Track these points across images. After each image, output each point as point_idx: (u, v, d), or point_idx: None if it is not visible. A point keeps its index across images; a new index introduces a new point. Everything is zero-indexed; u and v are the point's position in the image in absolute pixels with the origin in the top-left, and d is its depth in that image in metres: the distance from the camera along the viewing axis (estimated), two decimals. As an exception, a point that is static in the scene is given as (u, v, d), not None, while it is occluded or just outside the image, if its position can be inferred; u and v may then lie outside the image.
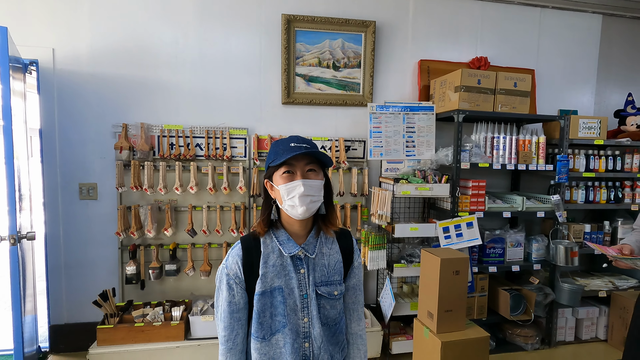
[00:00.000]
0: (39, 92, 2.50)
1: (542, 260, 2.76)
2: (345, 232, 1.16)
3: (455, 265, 2.06)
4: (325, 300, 1.07)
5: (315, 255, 1.07)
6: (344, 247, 1.13)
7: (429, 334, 2.10)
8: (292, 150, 0.98)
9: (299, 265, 1.06)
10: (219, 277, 1.06)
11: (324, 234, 1.10)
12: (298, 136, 1.04)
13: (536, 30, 3.17)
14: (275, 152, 1.02)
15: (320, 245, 1.09)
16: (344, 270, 1.11)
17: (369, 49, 2.83)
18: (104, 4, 2.54)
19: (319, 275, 1.07)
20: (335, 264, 1.09)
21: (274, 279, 1.03)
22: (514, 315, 2.63)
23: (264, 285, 1.02)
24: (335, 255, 1.10)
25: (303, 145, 1.00)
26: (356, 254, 1.16)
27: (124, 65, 2.59)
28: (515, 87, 2.64)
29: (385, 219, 2.51)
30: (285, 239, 1.05)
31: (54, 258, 2.59)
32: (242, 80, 2.74)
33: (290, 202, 1.00)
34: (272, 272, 1.03)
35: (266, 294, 1.02)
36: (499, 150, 2.69)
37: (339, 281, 1.09)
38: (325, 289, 1.07)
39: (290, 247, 1.05)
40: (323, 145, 2.83)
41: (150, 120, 2.63)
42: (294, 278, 1.04)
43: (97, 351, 2.20)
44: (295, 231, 1.07)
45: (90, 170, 2.60)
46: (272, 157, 1.02)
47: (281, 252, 1.04)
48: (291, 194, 0.99)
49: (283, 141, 1.03)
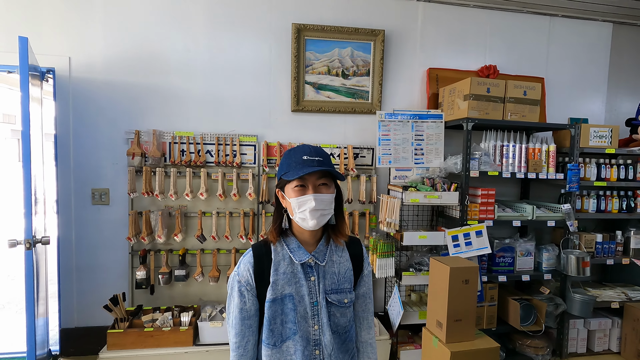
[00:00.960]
0: (55, 99, 2.56)
1: (552, 270, 2.73)
2: (355, 240, 1.17)
3: (464, 274, 2.05)
4: (336, 308, 1.07)
5: (326, 263, 1.08)
6: (354, 255, 1.13)
7: (438, 344, 2.08)
8: (304, 164, 0.99)
9: (309, 273, 1.06)
10: (231, 284, 1.07)
11: (334, 242, 1.11)
12: (310, 146, 1.05)
13: (545, 38, 3.17)
14: (288, 164, 1.03)
15: (331, 253, 1.10)
16: (354, 278, 1.12)
17: (378, 58, 2.85)
18: (117, 13, 2.60)
19: (329, 283, 1.08)
20: (345, 271, 1.10)
21: (285, 286, 1.04)
22: (524, 325, 2.59)
23: (275, 292, 1.03)
24: (345, 263, 1.11)
25: (316, 159, 1.01)
26: (366, 262, 1.17)
27: (136, 73, 2.64)
28: (525, 95, 2.63)
29: (394, 227, 2.51)
30: (296, 247, 1.06)
31: (65, 262, 2.63)
32: (252, 87, 2.78)
33: (301, 215, 1.01)
34: (283, 279, 1.04)
35: (277, 301, 1.03)
36: (508, 158, 2.68)
37: (349, 289, 1.10)
38: (335, 297, 1.07)
39: (300, 254, 1.06)
40: (332, 152, 2.85)
41: (162, 127, 2.67)
42: (304, 285, 1.05)
43: (107, 355, 2.22)
44: (306, 239, 1.08)
45: (103, 176, 2.65)
46: (285, 169, 1.03)
47: (292, 259, 1.06)
48: (302, 208, 1.00)
49: (295, 152, 1.03)
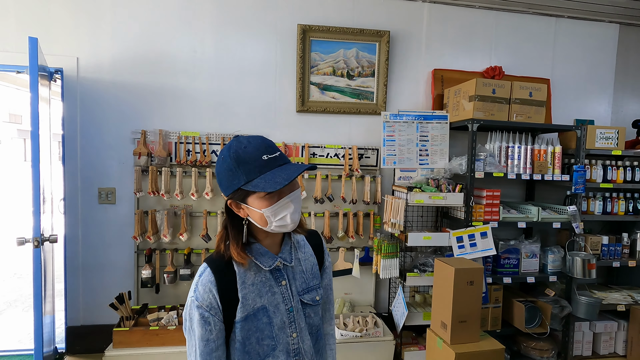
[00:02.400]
0: (62, 99, 2.59)
1: (558, 272, 2.72)
2: (314, 233, 1.10)
3: (469, 276, 2.05)
4: (310, 308, 1.00)
5: (293, 262, 0.99)
6: (315, 248, 1.07)
7: (443, 345, 2.08)
8: (269, 167, 0.84)
9: (279, 278, 0.96)
10: (189, 313, 0.89)
11: (295, 238, 1.03)
12: (262, 139, 0.88)
13: (551, 39, 3.16)
14: (247, 170, 0.84)
15: (295, 251, 1.01)
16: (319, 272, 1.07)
17: (383, 58, 2.86)
18: (125, 14, 2.63)
19: (300, 283, 0.99)
20: (312, 267, 1.03)
21: (256, 299, 0.91)
22: (529, 327, 2.58)
23: (246, 309, 0.90)
24: (310, 259, 1.04)
25: (277, 155, 0.86)
26: (326, 253, 1.11)
27: (143, 73, 2.67)
28: (531, 96, 2.63)
29: (398, 228, 2.51)
30: (262, 252, 0.94)
31: (72, 260, 2.65)
32: (257, 88, 2.79)
33: (281, 222, 0.89)
34: (253, 291, 0.91)
35: (249, 318, 0.90)
36: (513, 159, 2.67)
37: (318, 285, 1.03)
38: (308, 297, 1.00)
39: (268, 259, 0.94)
40: (337, 153, 2.85)
41: (168, 127, 2.69)
42: (277, 293, 0.94)
43: (113, 353, 2.24)
44: (270, 242, 0.96)
45: (110, 175, 2.67)
46: (244, 178, 0.84)
47: (258, 267, 0.93)
48: (281, 214, 0.88)
49: (249, 153, 0.84)
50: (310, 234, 1.08)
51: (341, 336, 2.43)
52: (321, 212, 2.82)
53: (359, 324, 2.54)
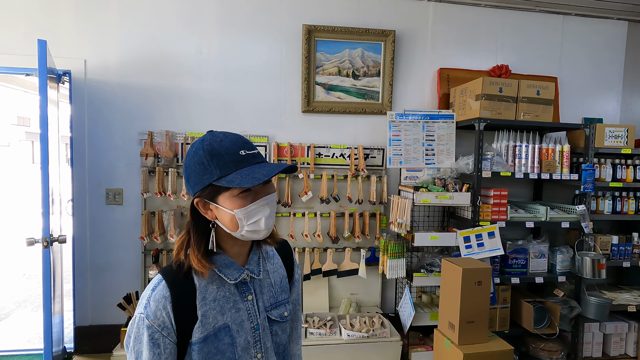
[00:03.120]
0: (70, 102, 2.61)
1: (567, 272, 2.69)
2: (284, 243, 0.99)
3: (477, 276, 2.03)
4: (277, 325, 0.90)
5: (261, 274, 0.88)
6: (285, 259, 0.97)
7: (450, 345, 2.07)
8: (247, 163, 0.76)
9: (245, 292, 0.85)
10: (135, 332, 0.77)
11: (264, 247, 0.92)
12: (238, 136, 0.80)
13: (559, 37, 3.13)
14: (221, 164, 0.75)
15: (263, 262, 0.91)
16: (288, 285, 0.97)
17: (389, 58, 2.85)
18: (132, 17, 2.65)
19: (267, 297, 0.89)
20: (280, 280, 0.93)
21: (217, 316, 0.80)
22: (537, 328, 2.55)
23: (206, 328, 0.79)
24: (279, 271, 0.94)
25: (255, 152, 0.79)
26: (296, 265, 1.00)
27: (150, 75, 2.68)
28: (538, 95, 2.60)
29: (405, 228, 2.50)
30: (227, 263, 0.83)
31: (80, 261, 2.67)
32: (263, 88, 2.80)
33: (253, 227, 0.79)
34: (215, 308, 0.80)
35: (209, 339, 0.79)
36: (521, 159, 2.64)
37: (286, 300, 0.93)
38: (276, 313, 0.89)
39: (233, 272, 0.83)
40: (342, 153, 2.85)
41: (174, 128, 2.70)
42: (242, 309, 0.83)
43: (121, 353, 2.25)
44: (237, 252, 0.85)
45: (117, 176, 2.69)
46: (218, 173, 0.75)
47: (222, 280, 0.82)
48: (254, 218, 0.78)
49: (225, 147, 0.76)
50: (279, 243, 0.97)
51: (348, 336, 2.42)
52: (327, 212, 2.81)
53: (366, 325, 2.53)
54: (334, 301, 2.90)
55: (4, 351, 2.74)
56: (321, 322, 2.54)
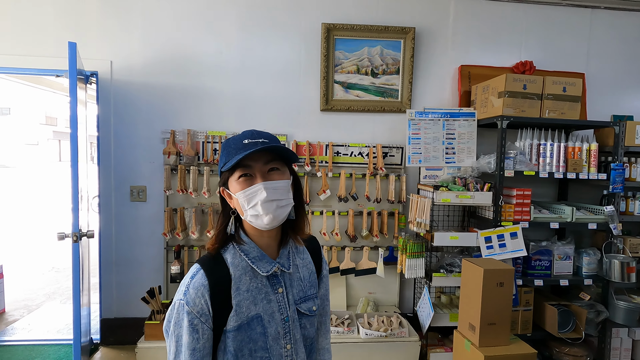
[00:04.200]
0: (97, 102, 2.70)
1: (593, 275, 2.60)
2: (313, 238, 1.03)
3: (499, 277, 1.99)
4: (306, 318, 0.93)
5: (291, 268, 0.92)
6: (314, 255, 1.00)
7: (471, 347, 2.03)
8: (245, 149, 0.81)
9: (276, 285, 0.89)
10: (175, 318, 0.81)
11: (293, 242, 0.94)
12: (253, 130, 0.87)
13: (586, 32, 3.01)
14: (227, 152, 0.84)
15: (293, 256, 0.94)
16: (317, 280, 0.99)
17: (408, 55, 2.82)
18: (154, 18, 2.71)
19: (297, 291, 0.92)
20: (309, 275, 0.96)
21: (250, 306, 0.84)
22: (562, 332, 2.48)
23: (240, 317, 0.83)
24: (308, 266, 0.97)
25: (259, 141, 0.83)
26: (324, 261, 1.04)
27: (172, 75, 2.75)
28: (565, 91, 2.52)
29: (424, 227, 2.48)
30: (258, 255, 0.87)
31: (106, 255, 2.77)
32: (281, 87, 2.82)
33: (253, 211, 0.83)
34: (247, 299, 0.84)
35: (243, 327, 0.83)
36: (545, 157, 2.57)
37: (315, 295, 0.96)
38: (305, 306, 0.93)
39: (265, 264, 0.87)
40: (360, 152, 2.84)
41: (196, 127, 2.76)
42: (273, 301, 0.87)
43: (145, 345, 2.32)
44: (266, 244, 0.89)
45: (140, 174, 2.77)
46: (224, 159, 0.85)
47: (254, 272, 0.86)
48: (252, 202, 0.82)
49: (235, 138, 0.85)
50: (308, 240, 1.00)
51: (366, 335, 2.42)
52: (345, 210, 2.81)
53: (384, 324, 2.53)
54: (352, 300, 2.90)
55: (36, 340, 2.87)
56: (339, 320, 2.55)
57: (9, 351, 2.70)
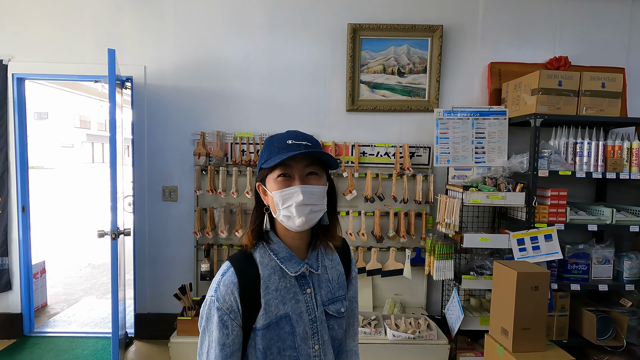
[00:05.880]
0: (132, 106, 2.82)
1: (636, 281, 2.46)
2: (342, 240, 1.02)
3: (534, 280, 1.93)
4: (334, 320, 0.93)
5: (319, 270, 0.92)
6: (343, 257, 1.00)
7: (503, 352, 1.98)
8: (289, 149, 0.82)
9: (304, 285, 0.89)
10: (206, 314, 0.84)
11: (324, 246, 0.95)
12: (297, 131, 0.88)
13: (626, 24, 2.86)
14: (270, 150, 0.85)
15: (322, 258, 0.94)
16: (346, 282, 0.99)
17: (436, 54, 2.77)
18: (186, 23, 2.80)
19: (325, 292, 0.92)
20: (338, 277, 0.96)
21: (279, 306, 0.85)
22: (601, 339, 2.37)
23: (269, 316, 0.84)
24: (337, 267, 0.97)
25: (302, 143, 0.84)
26: (353, 264, 1.04)
27: (202, 78, 2.83)
28: (604, 87, 2.41)
29: (453, 228, 2.43)
30: (287, 256, 0.88)
31: (140, 253, 2.88)
32: (308, 88, 2.84)
33: (286, 212, 0.84)
34: (276, 298, 0.85)
35: (272, 326, 0.84)
36: (582, 157, 2.46)
37: (343, 296, 0.96)
38: (333, 308, 0.93)
39: (294, 265, 0.88)
40: (387, 152, 2.82)
41: (224, 128, 2.83)
42: (301, 301, 0.88)
43: (177, 340, 2.40)
44: (296, 245, 0.90)
45: (172, 175, 2.87)
46: (266, 156, 0.86)
47: (283, 272, 0.87)
48: (287, 203, 0.83)
49: (279, 137, 0.86)
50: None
51: (393, 337, 2.40)
52: (371, 211, 2.80)
53: (411, 326, 2.50)
54: (378, 301, 2.88)
55: (75, 332, 3.03)
56: (365, 321, 2.54)
57: (52, 342, 2.86)
